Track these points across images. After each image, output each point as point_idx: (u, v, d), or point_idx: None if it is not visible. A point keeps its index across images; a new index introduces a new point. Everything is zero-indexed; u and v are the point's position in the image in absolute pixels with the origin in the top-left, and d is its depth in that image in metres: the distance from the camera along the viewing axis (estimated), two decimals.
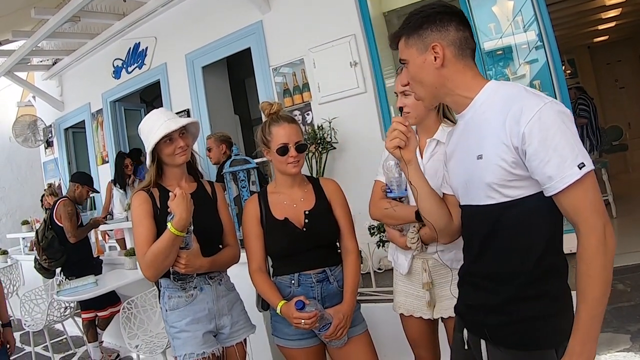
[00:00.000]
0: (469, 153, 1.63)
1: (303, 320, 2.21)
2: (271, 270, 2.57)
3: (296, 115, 5.47)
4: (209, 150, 5.37)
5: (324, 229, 2.45)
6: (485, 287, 1.67)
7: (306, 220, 2.42)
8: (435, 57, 1.62)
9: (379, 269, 4.51)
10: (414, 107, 2.29)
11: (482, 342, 1.67)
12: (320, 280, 2.41)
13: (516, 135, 1.45)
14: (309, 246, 2.40)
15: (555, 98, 4.17)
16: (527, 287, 1.56)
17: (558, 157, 1.39)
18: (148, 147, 2.42)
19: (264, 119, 2.55)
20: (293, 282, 2.41)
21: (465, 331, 1.79)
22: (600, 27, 10.13)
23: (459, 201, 1.77)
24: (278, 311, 2.32)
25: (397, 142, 1.81)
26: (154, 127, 2.42)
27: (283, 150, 2.38)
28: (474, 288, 1.74)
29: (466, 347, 1.78)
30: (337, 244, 2.56)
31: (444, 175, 1.91)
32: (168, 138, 2.41)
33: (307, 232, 2.40)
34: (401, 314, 2.55)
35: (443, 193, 1.93)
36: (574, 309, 1.48)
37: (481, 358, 1.69)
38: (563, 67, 4.12)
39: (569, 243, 1.47)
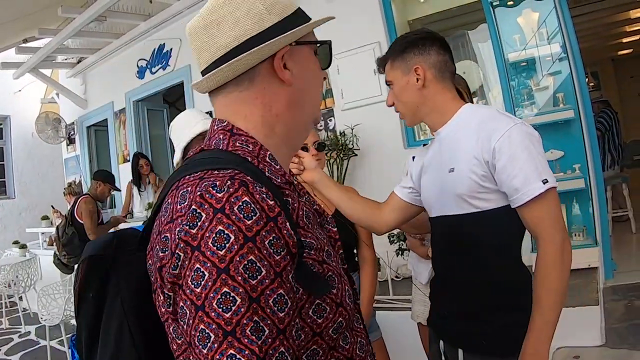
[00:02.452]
0: (442, 167, 1.74)
1: None
2: None
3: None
4: None
5: (342, 235, 2.45)
6: (460, 297, 1.75)
7: None
8: (417, 79, 1.74)
9: (397, 276, 4.51)
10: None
11: (460, 352, 1.74)
12: None
13: (487, 151, 1.57)
14: None
15: (579, 110, 4.17)
16: (499, 295, 1.65)
17: (524, 172, 1.52)
18: (182, 142, 2.39)
19: None
20: None
21: (441, 342, 1.85)
22: (625, 40, 10.02)
23: (430, 214, 1.86)
24: None
25: (294, 172, 1.99)
26: (190, 122, 2.41)
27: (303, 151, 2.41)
28: (448, 298, 1.81)
29: (443, 358, 1.85)
30: (355, 251, 2.57)
31: None
32: (203, 136, 2.41)
33: None
34: (419, 323, 2.57)
35: None
36: None
37: None
38: (587, 80, 4.09)
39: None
